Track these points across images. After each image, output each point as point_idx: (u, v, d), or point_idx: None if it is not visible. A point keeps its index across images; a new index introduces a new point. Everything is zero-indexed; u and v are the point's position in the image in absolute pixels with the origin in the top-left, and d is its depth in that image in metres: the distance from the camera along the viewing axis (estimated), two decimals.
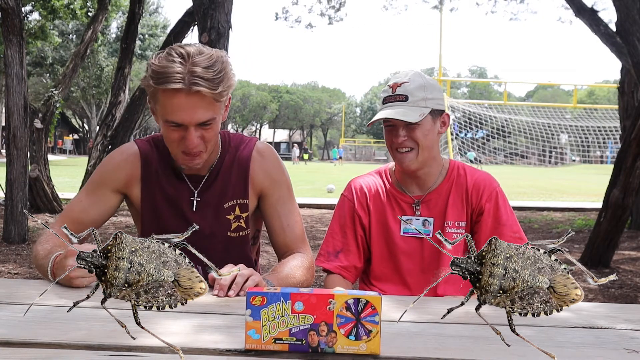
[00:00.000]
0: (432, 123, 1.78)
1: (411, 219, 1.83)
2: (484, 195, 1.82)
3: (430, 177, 1.85)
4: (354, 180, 1.95)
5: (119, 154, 1.74)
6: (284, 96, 65.15)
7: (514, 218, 1.84)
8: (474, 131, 34.29)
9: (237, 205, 1.71)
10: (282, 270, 1.60)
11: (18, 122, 5.99)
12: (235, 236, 1.71)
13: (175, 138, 1.56)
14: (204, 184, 1.69)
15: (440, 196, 1.84)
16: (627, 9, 5.34)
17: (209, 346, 1.02)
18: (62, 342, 1.02)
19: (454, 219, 1.82)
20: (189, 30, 7.84)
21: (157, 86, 1.49)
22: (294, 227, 1.73)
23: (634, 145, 5.20)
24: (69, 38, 35.64)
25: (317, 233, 7.05)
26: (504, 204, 1.83)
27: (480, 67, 79.48)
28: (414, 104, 1.74)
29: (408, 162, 1.78)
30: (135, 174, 1.70)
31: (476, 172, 1.89)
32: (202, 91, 1.47)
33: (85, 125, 47.72)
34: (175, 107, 1.49)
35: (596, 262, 5.45)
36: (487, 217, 1.81)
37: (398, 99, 1.76)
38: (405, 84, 1.77)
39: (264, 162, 1.73)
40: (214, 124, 1.56)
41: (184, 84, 1.46)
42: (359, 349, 0.99)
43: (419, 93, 1.75)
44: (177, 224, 1.67)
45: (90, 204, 1.69)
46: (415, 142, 1.76)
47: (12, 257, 5.42)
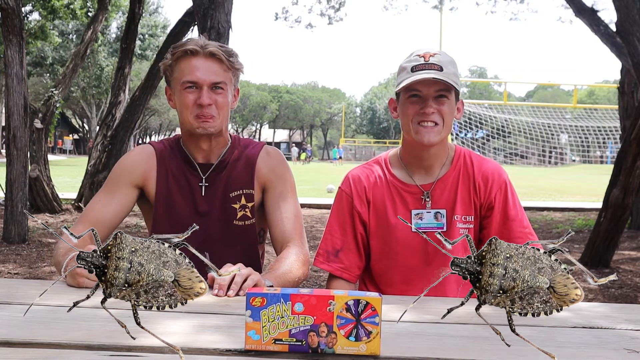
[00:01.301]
0: (454, 104, 1.71)
1: (422, 213, 1.73)
2: (493, 188, 1.74)
3: (437, 162, 1.76)
4: (351, 172, 1.84)
5: (135, 152, 1.86)
6: (284, 96, 65.15)
7: (523, 212, 1.76)
8: (474, 131, 34.30)
9: (243, 195, 1.79)
10: (279, 267, 1.62)
11: (18, 122, 5.99)
12: (240, 225, 1.78)
13: (190, 101, 1.71)
14: (212, 171, 1.79)
15: (447, 186, 1.75)
16: (627, 9, 5.33)
17: (209, 346, 1.02)
18: (62, 342, 1.02)
19: (463, 213, 1.73)
20: (189, 30, 7.84)
21: (175, 52, 1.72)
22: (292, 220, 1.76)
23: (634, 145, 5.20)
24: (69, 38, 35.62)
25: (317, 233, 7.04)
26: (512, 197, 1.75)
27: (480, 67, 79.46)
28: (448, 77, 1.65)
29: (432, 136, 1.68)
30: (152, 168, 1.80)
31: (484, 162, 1.79)
32: (216, 53, 1.70)
33: (85, 125, 47.72)
34: (193, 67, 1.70)
35: (596, 262, 5.45)
36: (496, 212, 1.73)
37: (433, 68, 1.66)
38: (438, 55, 1.69)
39: (270, 160, 1.83)
40: (225, 91, 1.73)
41: (201, 48, 1.70)
42: (359, 349, 0.99)
43: (451, 67, 1.67)
44: (187, 210, 1.77)
45: (109, 201, 1.76)
46: (441, 117, 1.68)
47: (12, 257, 5.42)
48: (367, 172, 1.82)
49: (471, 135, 34.88)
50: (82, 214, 1.78)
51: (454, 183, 1.75)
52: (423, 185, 1.76)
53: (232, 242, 1.77)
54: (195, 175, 1.79)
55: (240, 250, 1.78)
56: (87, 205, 1.80)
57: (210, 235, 1.75)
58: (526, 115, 34.94)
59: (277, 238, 1.76)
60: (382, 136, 67.67)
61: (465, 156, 1.79)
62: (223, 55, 1.71)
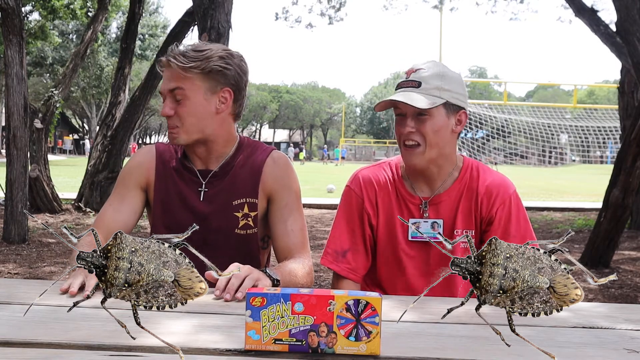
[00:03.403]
0: (446, 118, 1.62)
1: (419, 222, 1.70)
2: (495, 203, 1.67)
3: (440, 177, 1.70)
4: (361, 172, 1.78)
5: (139, 153, 1.85)
6: (284, 96, 65.13)
7: (528, 229, 1.69)
8: (474, 131, 34.29)
9: (247, 203, 1.75)
10: (285, 266, 1.62)
11: (18, 122, 5.99)
12: (242, 234, 1.75)
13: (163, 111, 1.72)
14: (212, 177, 1.76)
15: (450, 199, 1.70)
16: (627, 9, 5.33)
17: (209, 346, 1.02)
18: (62, 342, 1.02)
19: (463, 227, 1.68)
20: (189, 30, 7.84)
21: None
22: (297, 233, 1.73)
23: (634, 145, 5.20)
24: (69, 38, 35.62)
25: (317, 233, 7.04)
26: (516, 214, 1.68)
27: (480, 67, 79.45)
28: (426, 92, 1.59)
29: (413, 158, 1.63)
30: (152, 170, 1.79)
31: (490, 175, 1.72)
32: (171, 59, 1.66)
33: (85, 125, 47.71)
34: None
35: (596, 262, 5.45)
36: (496, 227, 1.67)
37: (410, 85, 1.62)
38: (421, 70, 1.63)
39: (276, 168, 1.77)
40: (184, 99, 1.67)
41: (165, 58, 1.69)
42: (359, 349, 0.99)
43: (433, 81, 1.60)
44: (184, 215, 1.74)
45: (119, 205, 1.76)
46: (422, 137, 1.61)
47: (12, 257, 5.42)
48: (377, 174, 1.76)
49: (471, 135, 34.86)
50: (95, 219, 1.78)
51: (457, 197, 1.70)
52: (425, 198, 1.72)
53: (233, 250, 1.73)
54: (194, 179, 1.76)
55: (240, 260, 1.74)
56: (100, 210, 1.79)
57: (209, 242, 1.71)
58: (526, 115, 34.94)
59: (281, 251, 1.74)
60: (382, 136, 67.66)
61: (473, 169, 1.73)
62: (175, 59, 1.64)
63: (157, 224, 1.77)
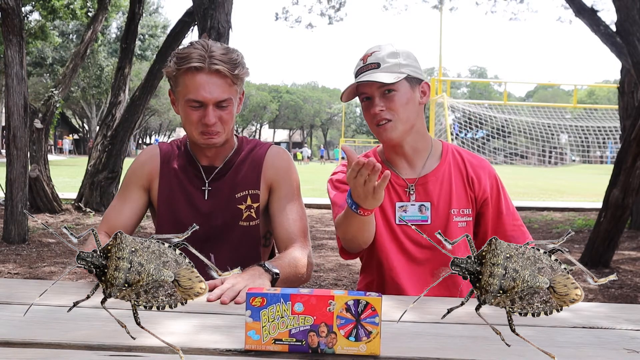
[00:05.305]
0: (411, 91, 1.68)
1: (406, 205, 1.72)
2: (487, 182, 1.75)
3: (419, 156, 1.75)
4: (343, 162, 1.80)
5: (142, 154, 1.88)
6: (284, 96, 65.16)
7: (512, 205, 1.78)
8: (474, 131, 34.29)
9: (249, 195, 1.78)
10: (285, 257, 1.63)
11: (18, 122, 5.99)
12: (245, 225, 1.77)
13: (195, 118, 1.67)
14: (216, 174, 1.79)
15: (437, 179, 1.73)
16: (627, 9, 5.33)
17: (209, 346, 1.02)
18: (62, 342, 1.02)
19: (460, 206, 1.72)
20: (189, 30, 7.84)
21: (180, 67, 1.64)
22: (298, 222, 1.75)
23: (634, 145, 5.20)
24: (69, 38, 35.62)
25: (317, 233, 7.04)
26: (503, 191, 1.77)
27: (480, 67, 79.48)
28: (388, 70, 1.65)
29: (388, 133, 1.67)
30: (155, 169, 1.81)
31: (473, 157, 1.80)
32: (221, 70, 1.63)
33: (85, 125, 47.70)
34: (197, 85, 1.64)
35: (596, 262, 5.45)
36: (490, 206, 1.74)
37: (370, 68, 1.67)
38: (376, 52, 1.69)
39: (276, 160, 1.82)
40: (230, 105, 1.68)
41: (204, 63, 1.62)
42: (359, 349, 0.99)
43: (391, 59, 1.67)
44: (189, 213, 1.76)
45: (123, 206, 1.78)
46: (393, 112, 1.66)
47: (12, 257, 5.42)
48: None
49: (471, 135, 34.86)
50: (102, 219, 1.81)
51: (448, 177, 1.74)
52: (409, 179, 1.75)
53: (235, 243, 1.76)
54: (199, 177, 1.79)
55: (242, 252, 1.77)
56: (106, 210, 1.83)
57: (212, 237, 1.74)
58: (526, 115, 34.91)
59: (281, 239, 1.75)
60: None
61: (454, 151, 1.79)
62: (228, 72, 1.64)
63: (163, 222, 1.79)
